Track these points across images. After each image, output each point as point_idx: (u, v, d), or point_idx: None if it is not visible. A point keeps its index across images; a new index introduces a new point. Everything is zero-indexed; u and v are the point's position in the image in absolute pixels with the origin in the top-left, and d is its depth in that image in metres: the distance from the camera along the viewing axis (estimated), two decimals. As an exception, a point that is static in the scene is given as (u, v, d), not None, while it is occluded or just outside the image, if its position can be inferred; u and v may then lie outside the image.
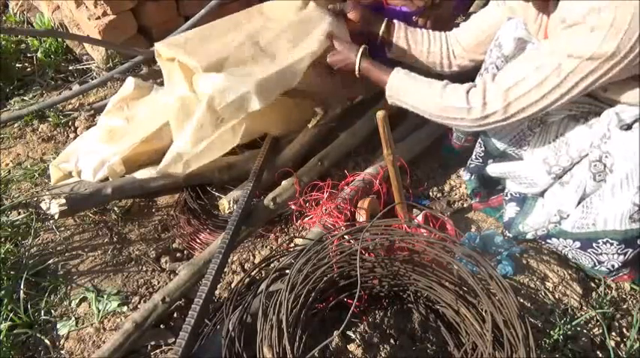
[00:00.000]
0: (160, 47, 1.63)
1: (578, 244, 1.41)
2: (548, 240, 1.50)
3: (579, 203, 1.38)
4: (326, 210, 1.57)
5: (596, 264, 1.41)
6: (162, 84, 1.86)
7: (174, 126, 1.65)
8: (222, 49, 1.59)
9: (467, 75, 1.61)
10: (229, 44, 1.62)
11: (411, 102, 1.44)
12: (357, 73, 1.54)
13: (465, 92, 1.33)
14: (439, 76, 1.50)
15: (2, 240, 1.60)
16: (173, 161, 1.61)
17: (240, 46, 1.61)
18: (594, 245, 1.37)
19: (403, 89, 1.45)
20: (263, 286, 1.22)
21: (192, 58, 1.55)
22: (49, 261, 1.58)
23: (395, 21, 1.69)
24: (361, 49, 1.54)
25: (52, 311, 1.47)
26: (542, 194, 1.53)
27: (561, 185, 1.43)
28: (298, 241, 1.48)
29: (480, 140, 1.62)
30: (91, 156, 1.78)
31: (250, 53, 1.60)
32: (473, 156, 1.68)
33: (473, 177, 1.72)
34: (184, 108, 1.63)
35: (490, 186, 1.73)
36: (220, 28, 1.70)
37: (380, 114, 1.29)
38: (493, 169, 1.62)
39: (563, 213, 1.42)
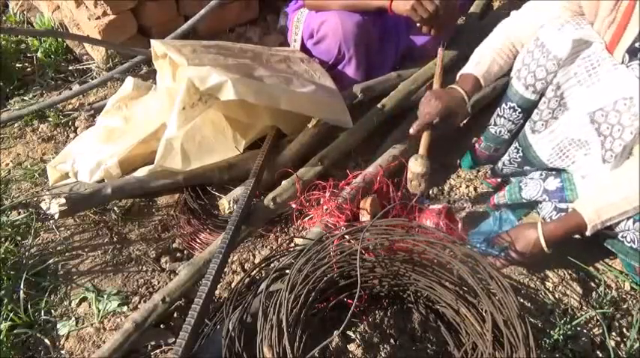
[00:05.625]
0: (154, 43, 1.70)
1: None
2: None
3: None
4: (327, 209, 1.57)
5: None
6: (161, 84, 1.89)
7: (167, 118, 1.69)
8: (213, 58, 1.63)
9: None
10: (222, 60, 1.66)
11: (618, 212, 1.31)
12: (546, 250, 1.38)
13: None
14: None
15: (2, 240, 1.60)
16: (166, 150, 1.64)
17: (232, 64, 1.65)
18: None
19: (604, 213, 1.32)
20: (263, 286, 1.22)
21: (180, 55, 1.59)
22: (49, 261, 1.58)
23: (475, 77, 1.56)
24: (539, 224, 1.39)
25: (52, 311, 1.47)
26: None
27: None
28: (298, 241, 1.48)
29: (517, 146, 1.60)
30: (88, 157, 1.78)
31: (240, 70, 1.63)
32: (506, 161, 1.66)
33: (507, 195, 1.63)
34: (171, 98, 1.68)
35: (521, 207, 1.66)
36: (220, 47, 1.77)
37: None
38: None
39: None
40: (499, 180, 1.76)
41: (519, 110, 1.54)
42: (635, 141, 1.29)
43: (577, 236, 1.40)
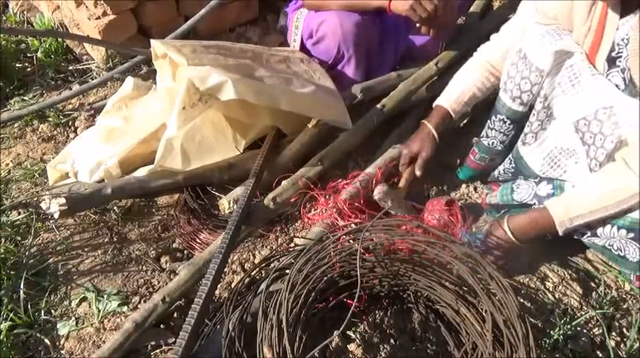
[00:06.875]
0: (154, 43, 1.70)
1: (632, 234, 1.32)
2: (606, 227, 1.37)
3: None
4: (333, 209, 1.57)
5: None
6: (161, 84, 1.88)
7: (167, 118, 1.69)
8: (213, 58, 1.63)
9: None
10: (222, 60, 1.65)
11: (588, 210, 1.30)
12: (514, 239, 1.41)
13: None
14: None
15: (2, 240, 1.60)
16: (166, 150, 1.65)
17: (232, 64, 1.64)
18: None
19: (573, 210, 1.31)
20: (263, 286, 1.22)
21: (180, 55, 1.59)
22: (49, 261, 1.58)
23: (445, 109, 1.67)
24: (507, 216, 1.44)
25: (52, 311, 1.47)
26: None
27: None
28: (298, 241, 1.48)
29: (510, 157, 1.61)
30: (88, 157, 1.78)
31: (240, 70, 1.63)
32: (501, 170, 1.66)
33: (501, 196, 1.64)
34: (171, 98, 1.68)
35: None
36: (220, 47, 1.76)
37: None
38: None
39: None
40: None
41: (508, 122, 1.56)
42: (616, 149, 1.29)
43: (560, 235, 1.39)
